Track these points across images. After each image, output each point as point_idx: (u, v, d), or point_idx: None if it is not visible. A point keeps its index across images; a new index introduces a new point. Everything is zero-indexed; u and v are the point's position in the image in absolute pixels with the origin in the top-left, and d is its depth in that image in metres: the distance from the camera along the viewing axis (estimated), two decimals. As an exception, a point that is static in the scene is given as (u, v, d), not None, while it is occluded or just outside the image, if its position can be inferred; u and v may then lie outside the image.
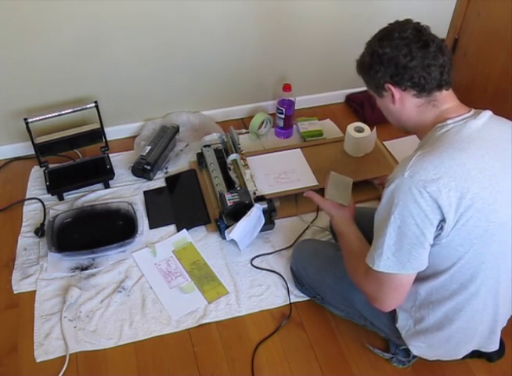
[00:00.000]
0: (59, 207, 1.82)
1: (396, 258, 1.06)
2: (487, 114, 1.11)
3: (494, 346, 1.28)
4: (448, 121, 1.08)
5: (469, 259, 1.08)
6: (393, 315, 1.27)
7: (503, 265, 1.13)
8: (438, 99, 1.11)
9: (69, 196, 1.88)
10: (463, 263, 1.09)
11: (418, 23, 1.12)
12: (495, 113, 1.13)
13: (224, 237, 1.69)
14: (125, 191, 1.91)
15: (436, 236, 1.05)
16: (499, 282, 1.15)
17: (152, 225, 1.78)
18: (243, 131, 2.16)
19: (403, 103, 1.13)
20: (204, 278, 1.62)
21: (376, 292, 1.15)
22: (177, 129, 2.07)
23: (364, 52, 1.17)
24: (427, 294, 1.18)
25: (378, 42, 1.12)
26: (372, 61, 1.13)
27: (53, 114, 1.82)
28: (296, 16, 2.02)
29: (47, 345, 1.44)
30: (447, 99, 1.12)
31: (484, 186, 1.03)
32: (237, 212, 1.65)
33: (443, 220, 1.02)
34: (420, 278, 1.14)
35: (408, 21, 1.13)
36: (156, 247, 1.70)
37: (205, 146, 1.95)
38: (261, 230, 1.70)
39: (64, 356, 1.41)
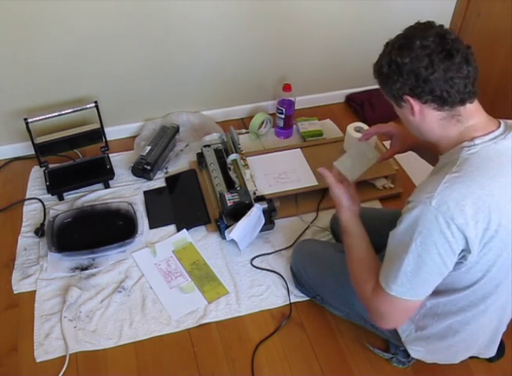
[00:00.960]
0: (59, 207, 1.82)
1: (411, 284, 1.02)
2: None
3: (492, 353, 1.29)
4: (476, 141, 1.01)
5: (484, 282, 1.07)
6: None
7: None
8: (462, 114, 1.02)
9: (69, 196, 1.87)
10: (478, 286, 1.07)
11: (441, 28, 1.02)
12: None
13: (224, 237, 1.69)
14: (125, 191, 1.90)
15: (456, 264, 1.02)
16: (508, 300, 1.15)
17: (152, 226, 1.78)
18: (243, 131, 2.16)
19: (423, 116, 1.04)
20: (204, 278, 1.62)
21: (382, 311, 1.10)
22: (177, 129, 2.07)
23: (382, 58, 1.06)
24: (434, 307, 1.16)
25: (397, 51, 1.01)
26: (390, 71, 1.02)
27: (53, 114, 1.82)
28: (296, 16, 2.02)
29: (47, 345, 1.44)
30: (472, 114, 1.03)
31: (511, 217, 0.99)
32: (237, 212, 1.65)
33: (466, 250, 0.99)
34: None
35: (430, 25, 1.03)
36: (156, 247, 1.70)
37: (205, 146, 1.95)
38: (261, 230, 1.70)
39: (64, 356, 1.41)
